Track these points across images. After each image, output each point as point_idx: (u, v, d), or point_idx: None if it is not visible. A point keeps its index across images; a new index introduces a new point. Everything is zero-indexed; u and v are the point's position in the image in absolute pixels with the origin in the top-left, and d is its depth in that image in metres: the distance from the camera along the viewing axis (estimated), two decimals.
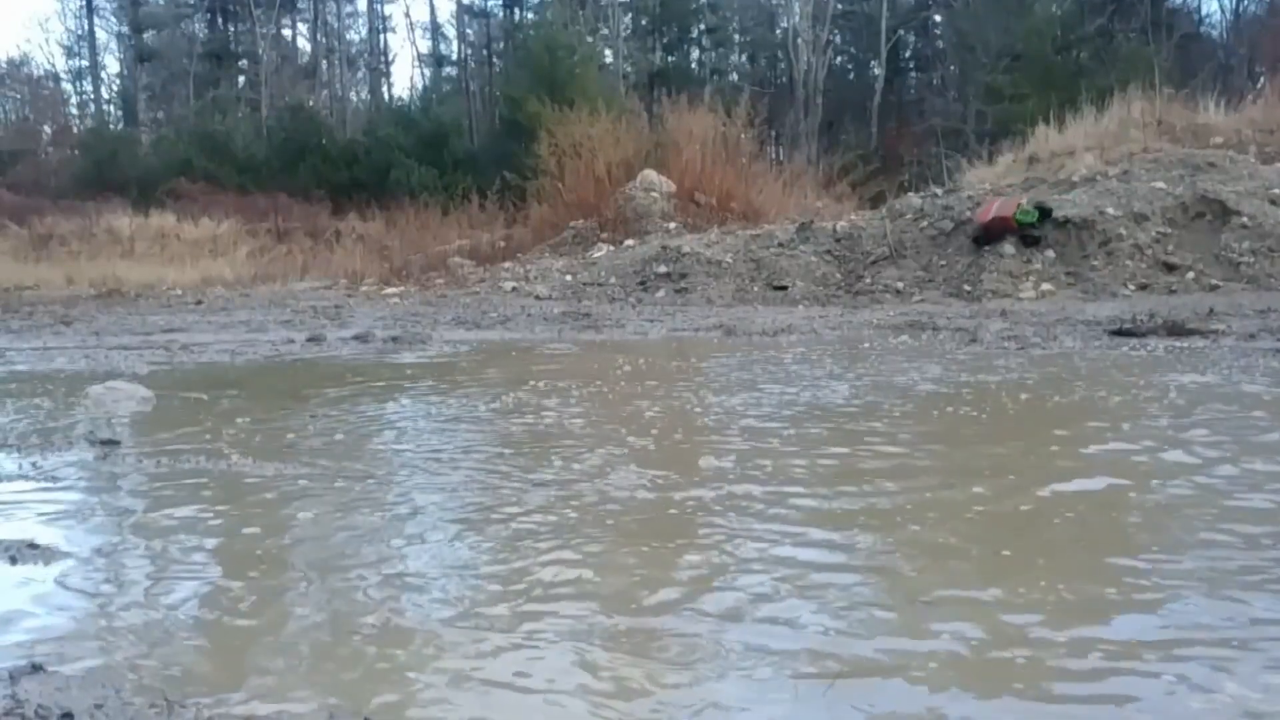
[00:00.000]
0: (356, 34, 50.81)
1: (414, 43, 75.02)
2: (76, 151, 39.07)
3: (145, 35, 43.92)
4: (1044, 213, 13.09)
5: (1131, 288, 12.09)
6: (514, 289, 15.59)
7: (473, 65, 46.37)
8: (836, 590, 2.63)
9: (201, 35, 45.76)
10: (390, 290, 16.67)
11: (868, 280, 13.70)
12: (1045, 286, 12.38)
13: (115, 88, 48.22)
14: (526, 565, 2.84)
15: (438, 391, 6.43)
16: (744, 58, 47.74)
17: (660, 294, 14.27)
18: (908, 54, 45.54)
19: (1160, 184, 13.70)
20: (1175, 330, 8.32)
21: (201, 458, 4.30)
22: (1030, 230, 13.01)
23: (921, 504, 3.39)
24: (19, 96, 46.87)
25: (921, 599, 2.55)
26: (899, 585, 2.66)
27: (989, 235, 13.16)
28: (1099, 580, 2.65)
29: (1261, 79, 21.20)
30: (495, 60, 45.06)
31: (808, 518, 3.26)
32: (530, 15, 41.63)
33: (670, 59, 44.35)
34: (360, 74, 50.63)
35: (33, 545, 3.03)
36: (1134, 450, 4.18)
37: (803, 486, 3.68)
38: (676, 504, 3.48)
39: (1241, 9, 38.72)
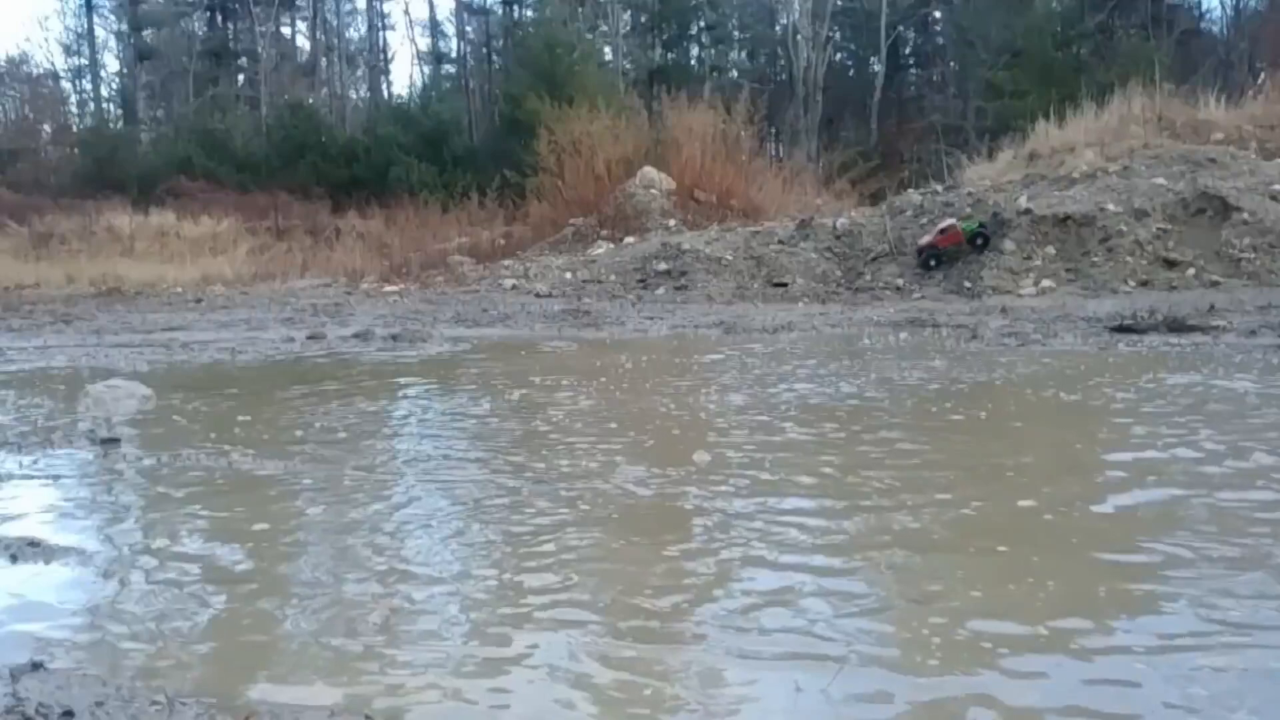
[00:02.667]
0: (356, 32, 50.71)
1: (413, 40, 74.99)
2: (76, 150, 38.94)
3: (145, 33, 43.79)
4: (982, 224, 13.19)
5: (1132, 284, 12.07)
6: (514, 286, 15.57)
7: (472, 63, 46.24)
8: (847, 609, 2.63)
9: (201, 33, 45.64)
10: (390, 288, 16.65)
11: (868, 277, 13.69)
12: (1046, 283, 12.37)
13: (115, 86, 48.12)
14: (527, 564, 2.84)
15: (438, 389, 6.43)
16: (744, 54, 47.58)
17: (660, 291, 14.26)
18: (907, 50, 45.40)
19: (1161, 180, 13.68)
20: (1176, 326, 8.31)
21: (202, 455, 4.30)
22: (979, 236, 13.02)
23: (924, 511, 3.39)
24: (18, 95, 46.75)
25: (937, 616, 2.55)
26: (917, 607, 2.66)
27: (938, 253, 13.10)
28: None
29: (1262, 75, 21.10)
30: (495, 58, 44.97)
31: (813, 527, 3.26)
32: (530, 13, 41.48)
33: (670, 56, 44.23)
34: (360, 72, 50.50)
35: (33, 543, 3.03)
36: (1160, 458, 4.18)
37: (805, 490, 3.68)
38: (675, 502, 3.48)
39: (1242, 5, 38.68)
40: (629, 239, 17.54)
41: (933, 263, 12.98)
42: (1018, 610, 2.42)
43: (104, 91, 48.31)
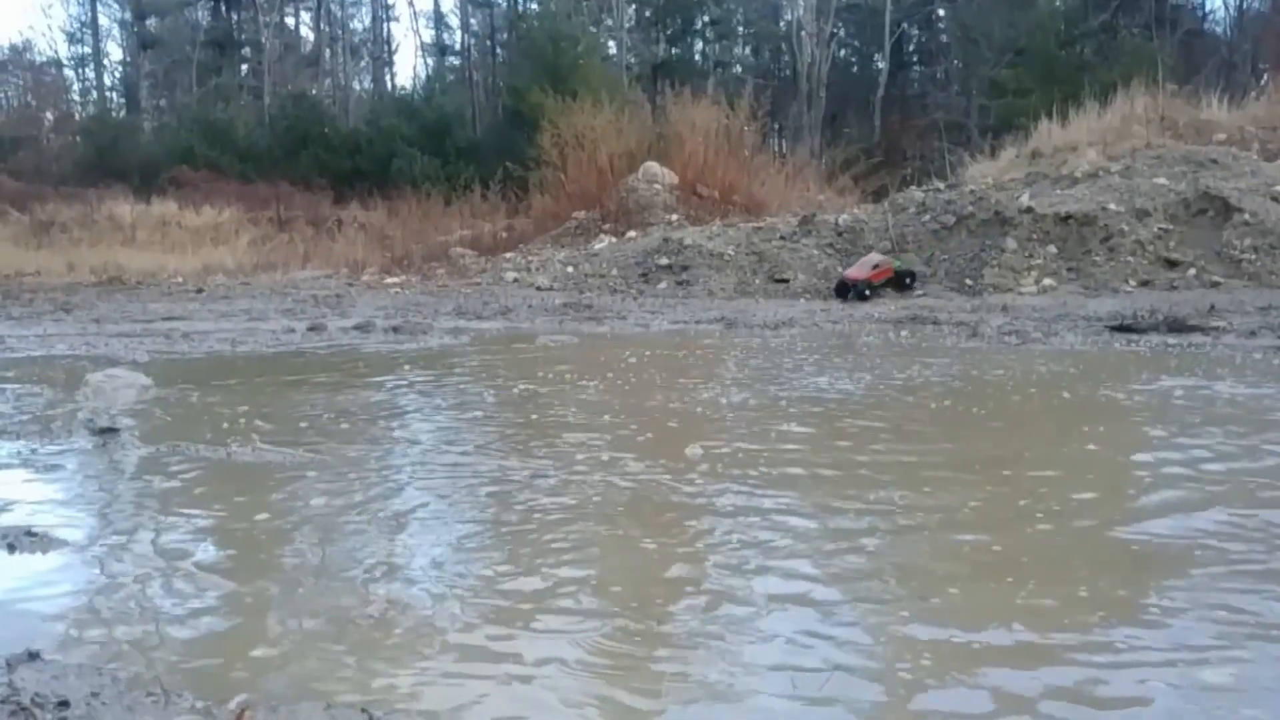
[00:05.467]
0: (360, 23, 50.63)
1: (417, 32, 74.96)
2: (78, 138, 38.89)
3: (148, 22, 43.74)
4: (902, 263, 13.12)
5: (1133, 284, 12.07)
6: (515, 280, 15.57)
7: (476, 55, 46.13)
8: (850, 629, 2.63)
9: (205, 23, 45.60)
10: (391, 280, 16.65)
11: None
12: (1047, 281, 12.36)
13: (118, 74, 48.08)
14: (525, 558, 2.84)
15: (439, 381, 6.43)
16: (748, 50, 47.52)
17: (662, 286, 14.26)
18: (911, 48, 45.33)
19: (1162, 180, 13.67)
20: (1176, 327, 8.31)
21: (201, 446, 4.30)
22: (908, 275, 12.91)
23: (919, 509, 3.39)
24: (21, 83, 46.72)
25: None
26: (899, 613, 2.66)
27: (871, 286, 12.75)
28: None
29: (1265, 76, 21.10)
30: (499, 50, 44.90)
31: (805, 523, 3.26)
32: (534, 5, 41.42)
33: (674, 51, 44.15)
34: (363, 63, 50.44)
35: (30, 533, 3.03)
36: (1160, 455, 4.17)
37: (799, 486, 3.68)
38: (673, 498, 3.48)
39: (1245, 5, 38.59)
40: (631, 233, 17.54)
41: (867, 292, 12.55)
42: (1012, 614, 2.42)
43: (107, 80, 48.32)
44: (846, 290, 12.63)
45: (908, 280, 12.87)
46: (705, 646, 2.25)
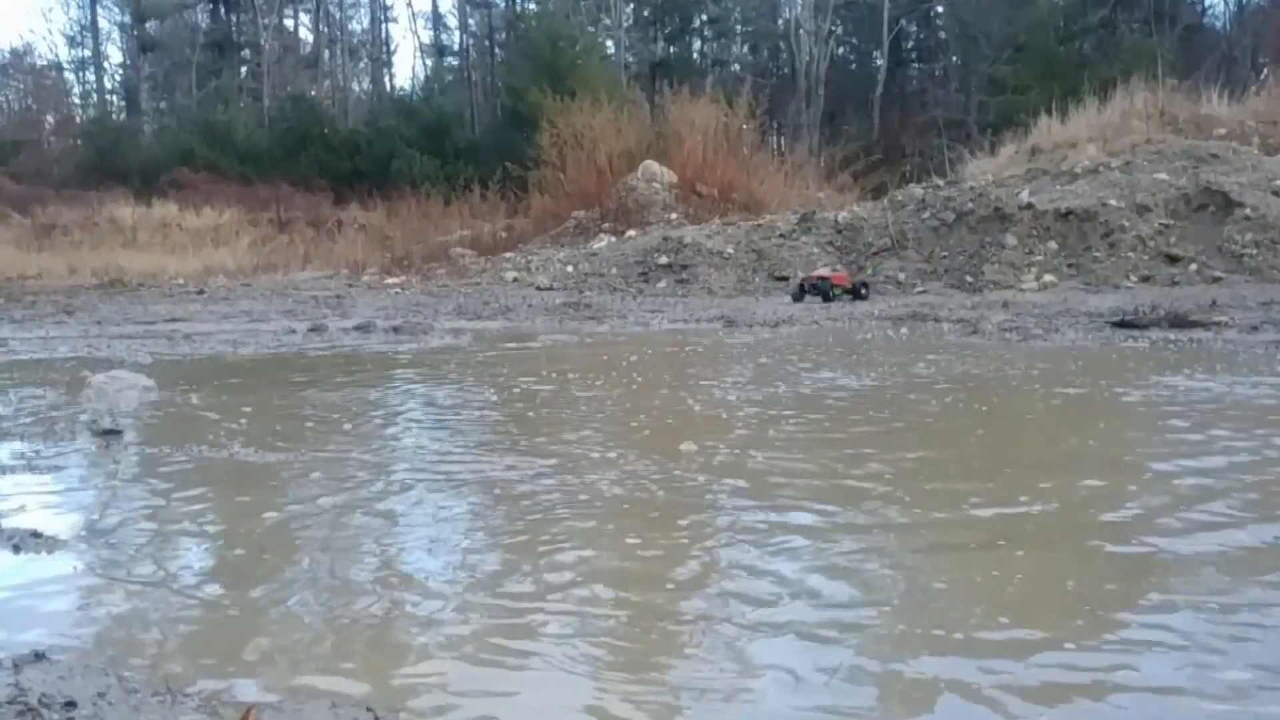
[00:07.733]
0: (358, 24, 50.64)
1: (416, 33, 74.94)
2: (79, 141, 38.91)
3: (148, 25, 43.75)
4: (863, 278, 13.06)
5: (1134, 279, 12.08)
6: (515, 279, 15.59)
7: (475, 55, 46.11)
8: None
9: (204, 25, 45.58)
10: (392, 280, 16.67)
11: (869, 271, 13.70)
12: (1047, 278, 12.37)
13: (118, 77, 48.09)
14: (527, 558, 2.84)
15: (439, 381, 6.43)
16: (746, 48, 47.46)
17: (662, 285, 14.27)
18: (910, 45, 45.29)
19: (1163, 175, 13.68)
20: (1178, 322, 8.31)
21: (204, 447, 4.30)
22: (863, 286, 12.80)
23: (916, 507, 3.39)
24: (22, 86, 46.71)
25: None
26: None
27: (833, 288, 12.61)
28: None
29: (1265, 70, 21.07)
30: (497, 50, 44.86)
31: (800, 520, 3.26)
32: (532, 5, 41.39)
33: (672, 49, 44.10)
34: (362, 64, 50.45)
35: (36, 534, 3.04)
36: (1162, 453, 4.16)
37: (794, 484, 3.68)
38: (674, 495, 3.48)
39: (1245, 0, 38.57)
40: (631, 232, 17.56)
41: (830, 294, 12.41)
42: (1002, 610, 2.42)
43: (107, 83, 48.34)
44: (804, 292, 12.41)
45: (862, 292, 12.69)
46: (700, 656, 2.25)
